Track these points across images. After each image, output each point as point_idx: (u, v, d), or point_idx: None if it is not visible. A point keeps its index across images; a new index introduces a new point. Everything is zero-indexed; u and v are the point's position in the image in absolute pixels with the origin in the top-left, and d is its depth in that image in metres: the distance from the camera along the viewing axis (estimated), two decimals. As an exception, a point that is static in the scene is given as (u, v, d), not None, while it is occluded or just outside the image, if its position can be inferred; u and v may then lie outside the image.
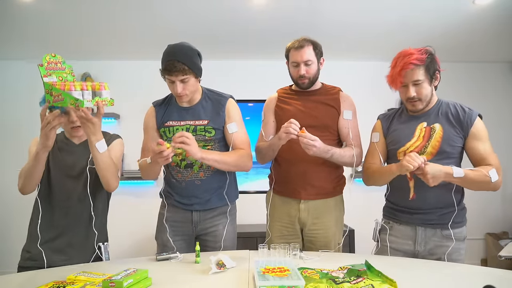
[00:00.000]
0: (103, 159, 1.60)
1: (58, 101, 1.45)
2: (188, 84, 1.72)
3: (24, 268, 1.62)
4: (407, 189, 1.70)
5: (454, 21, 3.09)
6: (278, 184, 1.97)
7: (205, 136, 1.79)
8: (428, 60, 1.62)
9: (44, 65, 1.47)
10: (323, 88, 1.99)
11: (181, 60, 1.66)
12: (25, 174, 1.62)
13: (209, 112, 1.81)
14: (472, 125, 1.62)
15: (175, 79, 1.69)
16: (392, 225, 1.76)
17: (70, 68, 1.57)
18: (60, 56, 1.53)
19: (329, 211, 1.91)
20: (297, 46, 1.86)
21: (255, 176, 3.97)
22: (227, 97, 1.87)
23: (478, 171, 1.56)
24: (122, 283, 1.18)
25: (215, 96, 1.87)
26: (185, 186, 1.82)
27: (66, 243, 1.67)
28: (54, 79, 1.51)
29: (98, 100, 1.50)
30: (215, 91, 1.91)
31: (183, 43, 1.74)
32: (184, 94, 1.74)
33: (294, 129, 1.69)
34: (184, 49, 1.71)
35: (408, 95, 1.66)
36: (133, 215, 3.79)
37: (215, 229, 1.84)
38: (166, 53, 1.72)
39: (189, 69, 1.69)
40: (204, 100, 1.85)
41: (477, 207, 1.95)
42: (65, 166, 1.71)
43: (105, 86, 1.53)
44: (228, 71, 4.03)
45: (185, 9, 2.84)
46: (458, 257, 1.65)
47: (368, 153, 1.89)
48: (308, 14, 2.94)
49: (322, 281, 1.26)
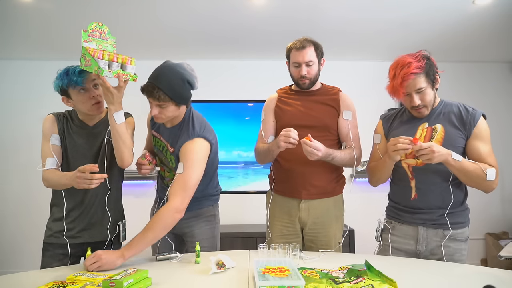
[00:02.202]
0: (120, 130, 1.63)
1: (87, 66, 1.51)
2: (166, 110, 1.64)
3: (49, 244, 1.75)
4: (409, 189, 1.70)
5: (453, 21, 3.09)
6: (278, 183, 1.97)
7: (169, 162, 1.79)
8: (427, 66, 1.60)
9: (88, 31, 1.51)
10: (323, 88, 1.99)
11: (160, 86, 1.57)
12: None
13: (177, 142, 1.72)
14: (475, 125, 1.61)
15: (151, 101, 1.63)
16: (395, 224, 1.76)
17: (113, 40, 1.61)
18: (107, 26, 1.56)
19: (329, 211, 1.91)
20: (298, 46, 1.85)
21: (255, 176, 3.97)
22: (193, 136, 1.68)
23: (476, 164, 1.56)
24: (122, 283, 1.18)
25: (188, 129, 1.72)
26: (167, 184, 1.84)
27: (87, 222, 1.76)
28: (94, 46, 1.55)
29: (119, 72, 1.54)
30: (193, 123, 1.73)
31: (173, 67, 1.63)
32: (159, 117, 1.67)
33: (294, 139, 1.68)
34: (169, 75, 1.59)
35: (413, 104, 1.65)
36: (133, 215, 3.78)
37: (190, 229, 1.86)
38: (152, 72, 1.64)
39: (167, 97, 1.59)
40: (180, 128, 1.74)
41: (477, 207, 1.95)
42: (82, 148, 1.76)
43: (132, 61, 1.58)
44: (228, 71, 4.03)
45: (185, 9, 2.84)
46: (460, 257, 1.64)
47: (370, 154, 1.89)
48: (308, 13, 2.94)
49: (322, 281, 1.26)
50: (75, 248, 1.75)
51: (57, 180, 1.67)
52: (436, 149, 1.49)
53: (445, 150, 1.52)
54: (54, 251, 1.74)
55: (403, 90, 1.62)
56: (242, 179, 3.98)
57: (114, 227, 1.81)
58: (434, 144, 1.51)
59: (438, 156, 1.50)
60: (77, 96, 1.69)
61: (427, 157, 1.50)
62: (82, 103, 1.70)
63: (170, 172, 1.82)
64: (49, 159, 1.71)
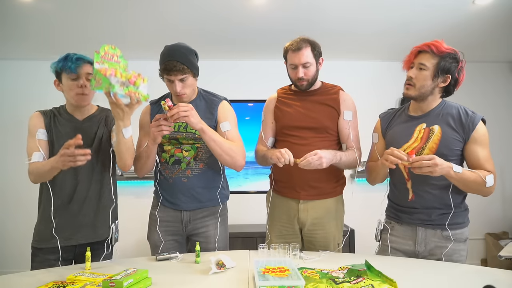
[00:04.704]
0: (127, 143, 1.64)
1: (97, 86, 1.49)
2: (187, 84, 1.75)
3: (38, 249, 1.69)
4: (406, 190, 1.70)
5: (453, 21, 3.09)
6: (278, 184, 1.97)
7: (195, 134, 1.80)
8: (447, 57, 1.58)
9: (100, 53, 1.48)
10: (323, 88, 1.97)
11: (179, 60, 1.69)
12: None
13: (202, 112, 1.80)
14: (474, 129, 1.58)
15: (174, 78, 1.71)
16: (394, 225, 1.76)
17: (125, 64, 1.58)
18: (119, 50, 1.55)
19: (329, 212, 1.90)
20: (294, 48, 1.82)
21: (255, 176, 3.97)
22: (221, 99, 1.89)
23: (475, 173, 1.55)
24: (122, 283, 1.18)
25: (210, 97, 1.89)
26: (172, 183, 1.83)
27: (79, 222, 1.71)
28: (106, 67, 1.53)
29: (131, 90, 1.51)
30: (210, 92, 1.93)
31: (179, 44, 1.76)
32: (184, 93, 1.76)
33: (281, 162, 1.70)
34: (182, 49, 1.73)
35: (407, 75, 1.65)
36: (133, 215, 3.78)
37: (206, 229, 1.84)
38: (164, 53, 1.74)
39: (188, 68, 1.71)
40: (198, 99, 1.87)
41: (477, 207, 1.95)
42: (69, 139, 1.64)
43: (144, 80, 1.56)
44: (228, 71, 4.03)
45: (185, 9, 2.84)
46: (459, 258, 1.63)
47: (369, 154, 1.89)
48: (308, 13, 2.94)
49: (322, 281, 1.26)
50: (67, 252, 1.68)
51: (41, 167, 1.61)
52: (439, 162, 1.47)
53: (446, 163, 1.50)
54: (44, 256, 1.67)
55: (412, 57, 1.64)
56: (242, 179, 3.98)
57: (108, 226, 1.74)
58: (437, 157, 1.48)
59: (440, 169, 1.48)
60: (67, 81, 1.69)
61: (429, 170, 1.48)
62: (69, 89, 1.69)
63: (189, 151, 1.81)
64: (36, 153, 1.68)
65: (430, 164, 1.47)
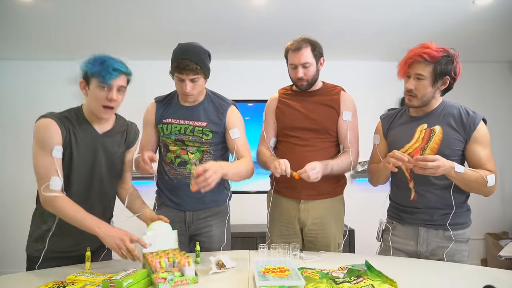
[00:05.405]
0: None
1: None
2: (197, 84, 1.72)
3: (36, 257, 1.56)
4: (409, 189, 1.69)
5: (454, 21, 3.09)
6: (279, 184, 1.97)
7: (201, 138, 1.78)
8: (441, 61, 1.56)
9: None
10: (324, 88, 1.96)
11: (193, 59, 1.66)
12: None
13: (210, 115, 1.80)
14: (475, 129, 1.58)
15: (185, 77, 1.68)
16: (395, 225, 1.76)
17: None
18: None
19: (329, 212, 1.90)
20: (294, 48, 1.82)
21: (255, 176, 3.91)
22: (230, 104, 1.86)
23: (477, 172, 1.55)
24: (122, 283, 1.18)
25: (218, 100, 1.85)
26: (176, 183, 1.82)
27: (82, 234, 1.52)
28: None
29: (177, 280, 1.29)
30: (219, 95, 1.89)
31: (194, 43, 1.74)
32: (192, 94, 1.73)
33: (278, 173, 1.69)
34: (197, 49, 1.71)
35: (406, 87, 1.64)
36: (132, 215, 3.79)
37: (209, 229, 1.84)
38: (178, 51, 1.70)
39: (200, 69, 1.69)
40: (207, 101, 1.83)
41: (477, 207, 1.95)
42: (89, 161, 1.59)
43: (189, 262, 1.35)
44: (228, 71, 4.03)
45: (185, 9, 2.84)
46: (460, 258, 1.63)
47: (371, 155, 1.89)
48: (308, 13, 2.94)
49: (322, 281, 1.26)
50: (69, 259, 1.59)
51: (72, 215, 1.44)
52: (442, 163, 1.48)
53: (448, 162, 1.51)
54: (43, 264, 1.55)
55: (406, 68, 1.62)
56: (242, 179, 3.98)
57: None
58: (440, 158, 1.49)
59: (442, 170, 1.49)
60: (94, 89, 1.51)
61: (432, 171, 1.49)
62: (97, 99, 1.52)
63: (195, 153, 1.80)
64: (55, 179, 1.46)
65: (434, 166, 1.47)
